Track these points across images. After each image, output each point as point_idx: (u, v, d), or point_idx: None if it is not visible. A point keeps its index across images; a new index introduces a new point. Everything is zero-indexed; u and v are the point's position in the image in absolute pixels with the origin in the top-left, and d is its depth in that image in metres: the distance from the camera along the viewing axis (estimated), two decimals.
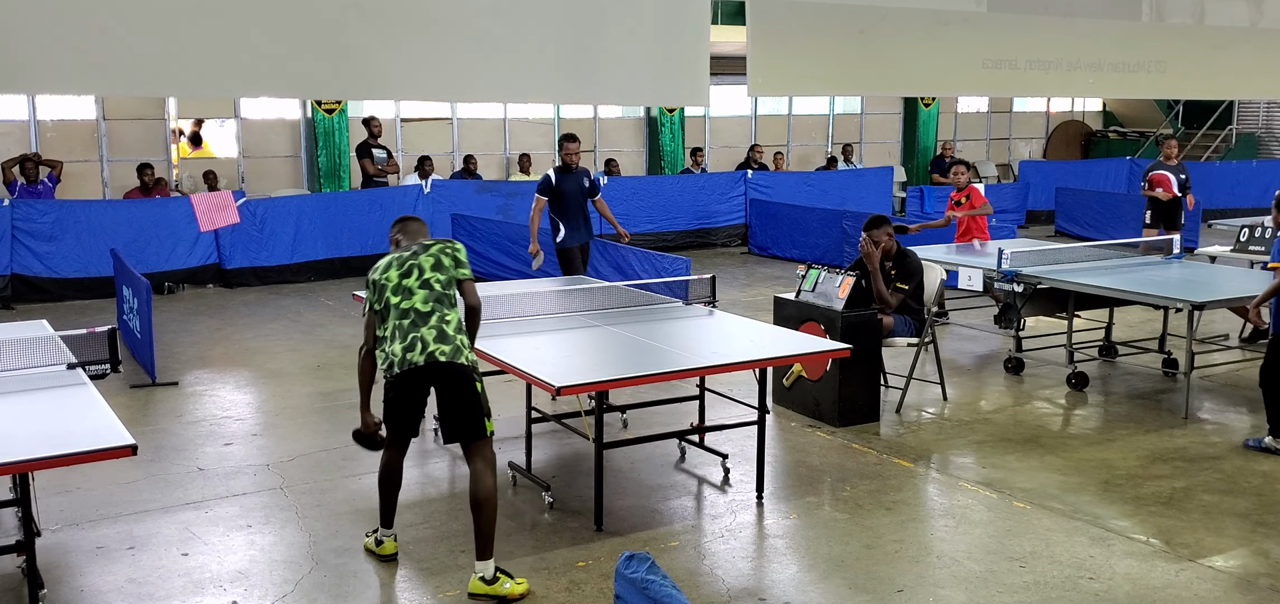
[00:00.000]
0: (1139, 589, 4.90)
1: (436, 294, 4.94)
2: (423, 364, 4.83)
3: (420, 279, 4.95)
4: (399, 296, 4.93)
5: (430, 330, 4.87)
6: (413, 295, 4.92)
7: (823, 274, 7.55)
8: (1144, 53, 6.58)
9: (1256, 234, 9.61)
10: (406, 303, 4.91)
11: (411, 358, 4.83)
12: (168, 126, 15.43)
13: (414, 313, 4.89)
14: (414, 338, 4.86)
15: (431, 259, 5.00)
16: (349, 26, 4.40)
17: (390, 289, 4.96)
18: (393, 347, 4.89)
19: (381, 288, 4.99)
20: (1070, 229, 17.36)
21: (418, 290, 4.92)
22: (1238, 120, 22.50)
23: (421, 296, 4.92)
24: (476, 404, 4.92)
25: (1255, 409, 7.89)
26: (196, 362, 9.33)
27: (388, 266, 5.03)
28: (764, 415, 6.04)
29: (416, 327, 4.87)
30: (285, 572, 5.11)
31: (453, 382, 4.90)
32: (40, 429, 4.47)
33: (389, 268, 5.02)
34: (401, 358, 4.85)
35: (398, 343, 4.88)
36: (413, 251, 5.04)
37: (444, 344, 4.87)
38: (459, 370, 4.89)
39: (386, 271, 5.01)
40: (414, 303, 4.90)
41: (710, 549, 5.39)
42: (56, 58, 3.92)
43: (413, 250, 5.05)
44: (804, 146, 20.51)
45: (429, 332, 4.86)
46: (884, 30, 5.69)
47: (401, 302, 4.92)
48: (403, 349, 4.86)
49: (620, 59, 5.04)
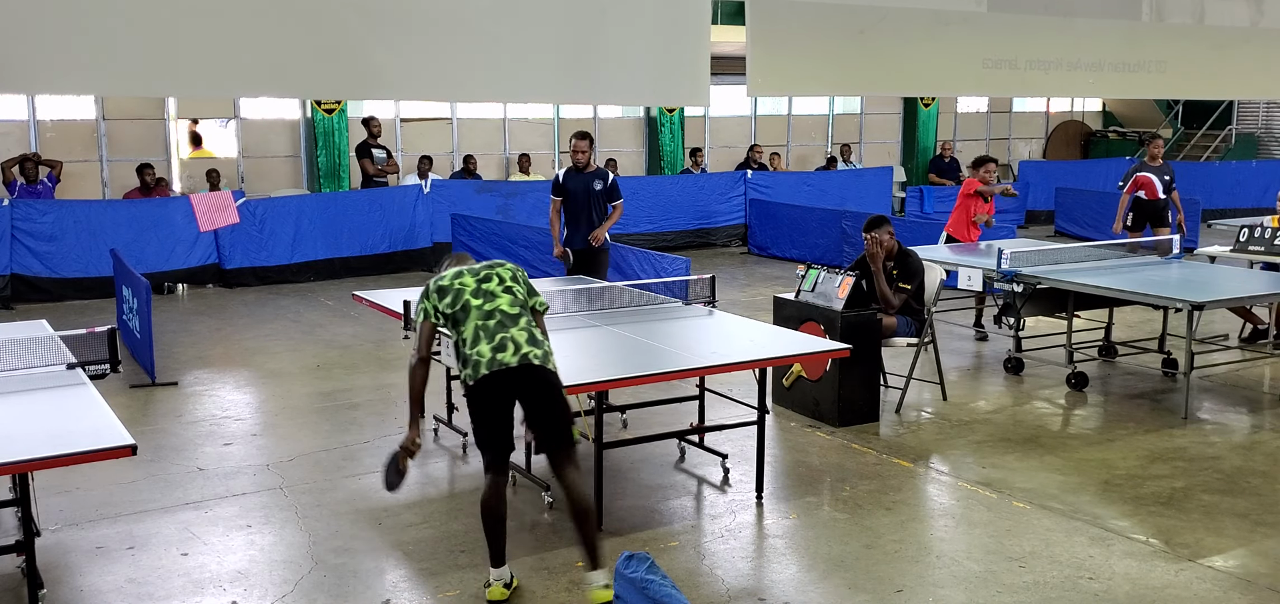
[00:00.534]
0: (1139, 589, 4.90)
1: (520, 301, 4.80)
2: (515, 365, 4.62)
3: (502, 285, 4.80)
4: (481, 299, 4.74)
5: (521, 331, 4.69)
6: (496, 298, 4.75)
7: (822, 274, 7.55)
8: (1144, 53, 6.58)
9: (1256, 234, 9.61)
10: (490, 305, 4.73)
11: (503, 358, 4.61)
12: (168, 127, 15.42)
13: (501, 313, 4.71)
14: (504, 338, 4.65)
15: (509, 272, 4.87)
16: (349, 26, 4.40)
17: (469, 292, 4.76)
18: (480, 348, 4.66)
19: (456, 293, 4.76)
20: (1070, 229, 17.36)
21: (501, 294, 4.77)
22: (1238, 120, 22.51)
23: (506, 300, 4.76)
24: (567, 410, 4.78)
25: (1255, 409, 7.90)
26: (196, 362, 9.33)
27: (458, 274, 4.84)
28: (764, 415, 6.04)
29: (504, 327, 4.68)
30: (285, 572, 5.11)
31: (546, 387, 4.69)
32: (40, 429, 4.47)
33: (461, 275, 4.83)
34: (490, 358, 4.62)
35: (485, 343, 4.65)
36: (483, 265, 4.90)
37: (536, 348, 4.69)
38: (551, 375, 4.71)
39: (459, 278, 4.81)
40: (500, 305, 4.74)
41: (710, 549, 5.39)
42: (56, 58, 3.92)
43: (481, 265, 4.90)
44: (803, 147, 20.51)
45: (520, 333, 4.68)
46: (884, 30, 5.69)
47: (484, 303, 4.73)
48: (492, 349, 4.63)
49: (620, 59, 5.05)
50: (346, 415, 7.65)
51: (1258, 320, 9.50)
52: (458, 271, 4.87)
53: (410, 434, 4.78)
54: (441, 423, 7.21)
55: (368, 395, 8.15)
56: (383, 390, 8.27)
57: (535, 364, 4.65)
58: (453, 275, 4.85)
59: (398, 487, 4.82)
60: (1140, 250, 9.89)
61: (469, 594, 4.87)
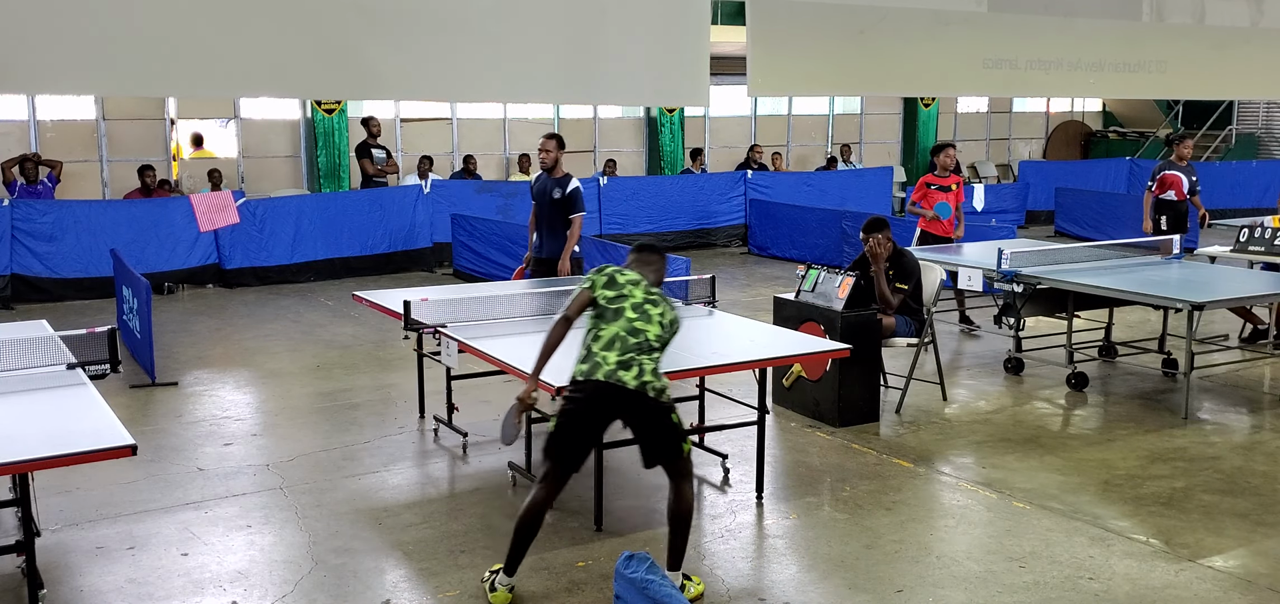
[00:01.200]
0: (1139, 589, 4.90)
1: (664, 339, 4.85)
2: (633, 388, 4.68)
3: (660, 319, 4.84)
4: (636, 315, 4.81)
5: (649, 361, 4.76)
6: (650, 322, 4.81)
7: (822, 274, 7.55)
8: (1144, 53, 6.58)
9: (1256, 234, 9.61)
10: (641, 323, 4.79)
11: (624, 377, 4.69)
12: (167, 127, 15.43)
13: (645, 338, 4.77)
14: (634, 360, 4.72)
15: (671, 316, 4.91)
16: (349, 26, 4.40)
17: (630, 303, 4.83)
18: (607, 353, 4.73)
19: (623, 294, 4.84)
20: (1070, 229, 17.36)
21: (655, 324, 4.82)
22: (1238, 120, 22.51)
23: (655, 332, 4.81)
24: (674, 432, 4.84)
25: (1255, 409, 7.90)
26: (196, 362, 9.33)
27: (635, 282, 4.90)
28: (764, 416, 6.04)
29: (640, 351, 4.75)
30: (285, 572, 5.11)
31: (654, 416, 4.78)
32: (40, 429, 4.47)
33: (636, 284, 4.89)
34: (613, 370, 4.69)
35: (614, 353, 4.72)
36: (659, 294, 4.93)
37: (657, 381, 4.77)
38: (663, 408, 4.78)
39: (633, 284, 4.88)
40: (647, 331, 4.79)
41: (710, 549, 5.39)
42: (56, 58, 3.92)
43: (659, 294, 4.93)
44: (804, 147, 20.51)
45: (648, 361, 4.75)
46: (884, 30, 5.69)
47: (637, 320, 4.80)
48: (617, 363, 4.70)
49: (620, 59, 5.04)
50: (346, 415, 7.65)
51: (1258, 320, 9.50)
52: (635, 279, 4.92)
53: (528, 387, 4.86)
54: (441, 423, 7.21)
55: (368, 395, 8.15)
56: (383, 390, 8.27)
57: (650, 396, 4.73)
58: (630, 280, 4.90)
59: (513, 440, 4.97)
60: (1140, 250, 9.88)
61: (469, 594, 4.87)
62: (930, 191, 10.62)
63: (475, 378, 7.60)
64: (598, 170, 17.26)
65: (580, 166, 18.08)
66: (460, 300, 6.96)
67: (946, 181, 10.67)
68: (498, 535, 5.50)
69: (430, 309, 6.63)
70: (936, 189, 10.63)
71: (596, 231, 15.04)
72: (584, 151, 18.42)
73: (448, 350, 6.24)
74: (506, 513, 5.81)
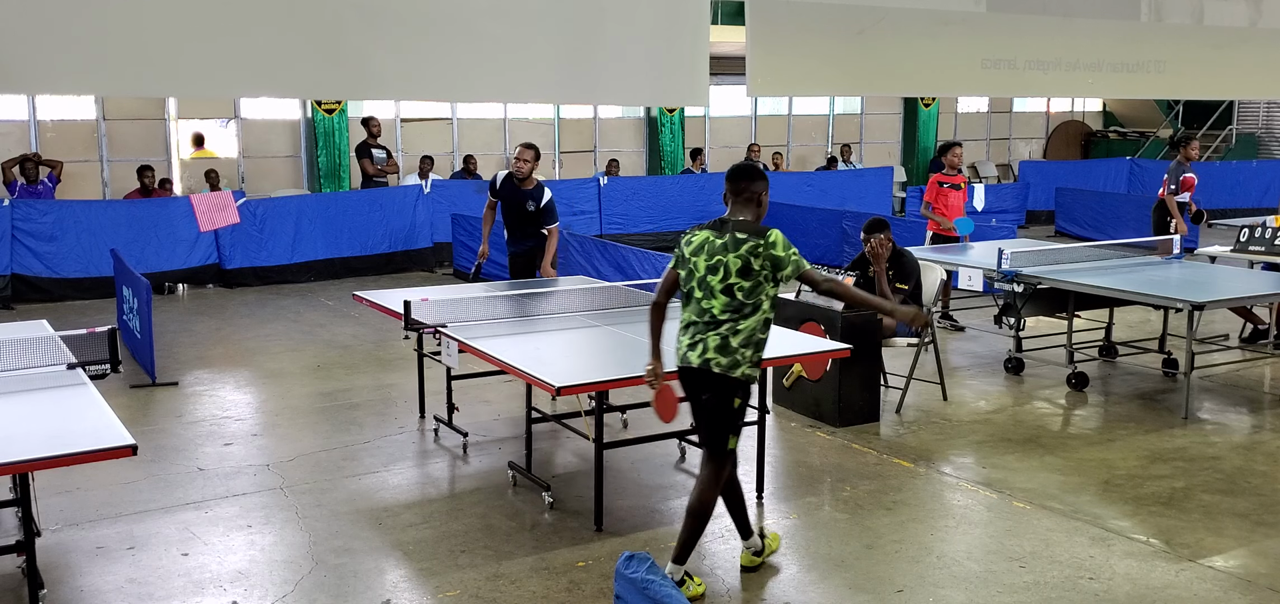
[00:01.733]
0: (1139, 589, 4.90)
1: (736, 302, 4.68)
2: (697, 367, 4.73)
3: (724, 282, 4.67)
4: (702, 292, 4.75)
5: (715, 337, 4.70)
6: (714, 297, 4.70)
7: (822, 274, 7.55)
8: (1143, 53, 6.58)
9: (1257, 234, 9.62)
10: (707, 302, 4.73)
11: (691, 357, 4.74)
12: (168, 127, 15.43)
13: (710, 316, 4.72)
14: (700, 340, 4.73)
15: (740, 261, 4.64)
16: (349, 26, 4.40)
17: (696, 279, 4.77)
18: (682, 337, 4.84)
19: (691, 273, 4.80)
20: (1070, 229, 17.37)
21: (719, 295, 4.69)
22: (1238, 120, 22.51)
23: (721, 304, 4.69)
24: (727, 421, 4.79)
25: (1256, 409, 7.90)
26: (196, 362, 9.33)
27: (699, 249, 4.76)
28: (764, 415, 6.04)
29: (708, 329, 4.72)
30: (285, 572, 5.11)
31: (716, 393, 4.76)
32: (40, 429, 4.47)
33: (699, 252, 4.76)
34: (685, 352, 4.79)
35: (686, 336, 4.80)
36: (723, 243, 4.69)
37: (723, 356, 4.69)
38: (727, 385, 4.72)
39: (696, 255, 4.77)
40: (713, 307, 4.71)
41: (710, 549, 5.39)
42: (56, 58, 3.92)
43: (724, 242, 4.69)
44: (804, 147, 20.51)
45: (714, 338, 4.70)
46: (883, 30, 5.69)
47: (703, 298, 4.75)
48: (687, 345, 4.78)
49: (620, 59, 5.05)
50: (346, 415, 7.65)
51: (1258, 320, 9.50)
52: (701, 244, 4.76)
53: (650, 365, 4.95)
54: (441, 423, 7.21)
55: (368, 395, 8.15)
56: (383, 390, 8.27)
57: (715, 372, 4.70)
58: (697, 244, 4.78)
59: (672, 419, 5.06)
60: (1140, 250, 9.89)
61: (469, 594, 4.87)
62: (944, 191, 10.64)
63: (475, 378, 7.60)
64: (598, 170, 17.26)
65: (580, 167, 18.10)
66: (460, 300, 6.97)
67: (957, 180, 10.70)
68: (498, 535, 5.51)
69: (430, 309, 6.63)
70: (949, 187, 10.66)
71: (597, 231, 15.06)
72: (584, 151, 18.43)
73: (448, 350, 6.24)
74: (507, 513, 5.81)
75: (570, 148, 18.35)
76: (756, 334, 4.73)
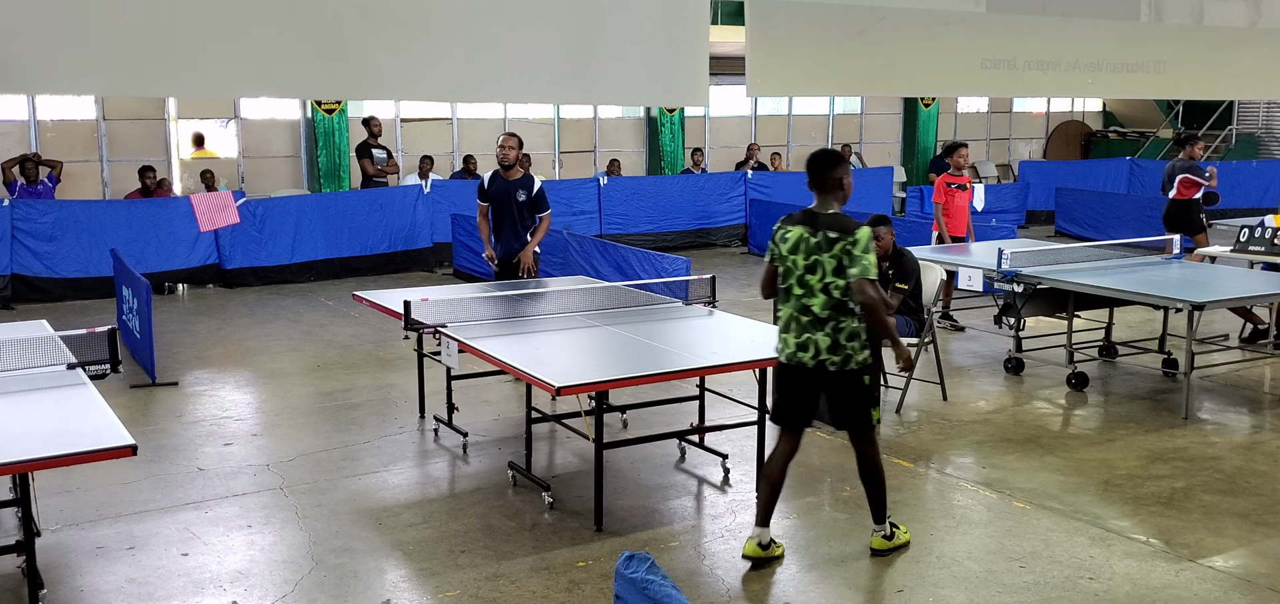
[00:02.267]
0: (1139, 589, 4.90)
1: (834, 301, 4.89)
2: (811, 367, 4.96)
3: (821, 282, 4.89)
4: (802, 291, 4.95)
5: (825, 337, 4.92)
6: (814, 296, 4.91)
7: None
8: (1143, 53, 6.58)
9: (1256, 234, 9.62)
10: (807, 300, 4.94)
11: (803, 359, 4.97)
12: (168, 127, 15.43)
13: (813, 315, 4.93)
14: (809, 340, 4.95)
15: (834, 261, 4.85)
16: (349, 26, 4.40)
17: (794, 276, 4.97)
18: (787, 336, 5.04)
19: (789, 267, 4.99)
20: (1070, 229, 17.36)
21: (818, 293, 4.90)
22: (1238, 120, 22.51)
23: (820, 302, 4.90)
24: (863, 400, 5.05)
25: (1256, 409, 7.90)
26: (196, 362, 9.33)
27: (795, 247, 4.95)
28: (764, 415, 6.04)
29: (812, 330, 4.94)
30: (285, 572, 5.11)
31: (840, 385, 5.00)
32: (40, 429, 4.47)
33: (796, 250, 4.94)
34: (793, 352, 5.01)
35: (792, 336, 5.01)
36: (817, 243, 4.88)
37: (835, 355, 4.93)
38: (846, 377, 4.97)
39: (793, 253, 4.95)
40: (813, 306, 4.92)
41: (710, 549, 5.39)
42: (56, 58, 3.92)
43: (818, 240, 4.88)
44: (804, 147, 20.51)
45: (824, 338, 4.93)
46: (883, 30, 5.69)
47: (803, 296, 4.95)
48: (796, 345, 4.99)
49: (620, 59, 5.04)
50: (346, 415, 7.65)
51: (1258, 320, 9.50)
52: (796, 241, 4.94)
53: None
54: (441, 423, 7.21)
55: (368, 395, 8.15)
56: (383, 390, 8.28)
57: (830, 371, 4.96)
58: (793, 241, 4.95)
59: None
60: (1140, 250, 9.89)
61: (469, 594, 4.87)
62: (951, 191, 10.64)
63: (475, 378, 7.61)
64: (599, 170, 17.26)
65: (580, 167, 18.09)
66: (460, 300, 6.97)
67: (963, 180, 10.71)
68: (498, 535, 5.51)
69: (430, 309, 6.63)
70: (956, 187, 10.67)
71: (597, 232, 15.05)
72: (584, 151, 18.42)
73: (448, 350, 6.24)
74: (506, 513, 5.81)
75: (570, 148, 18.34)
76: (860, 328, 4.96)
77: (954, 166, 10.85)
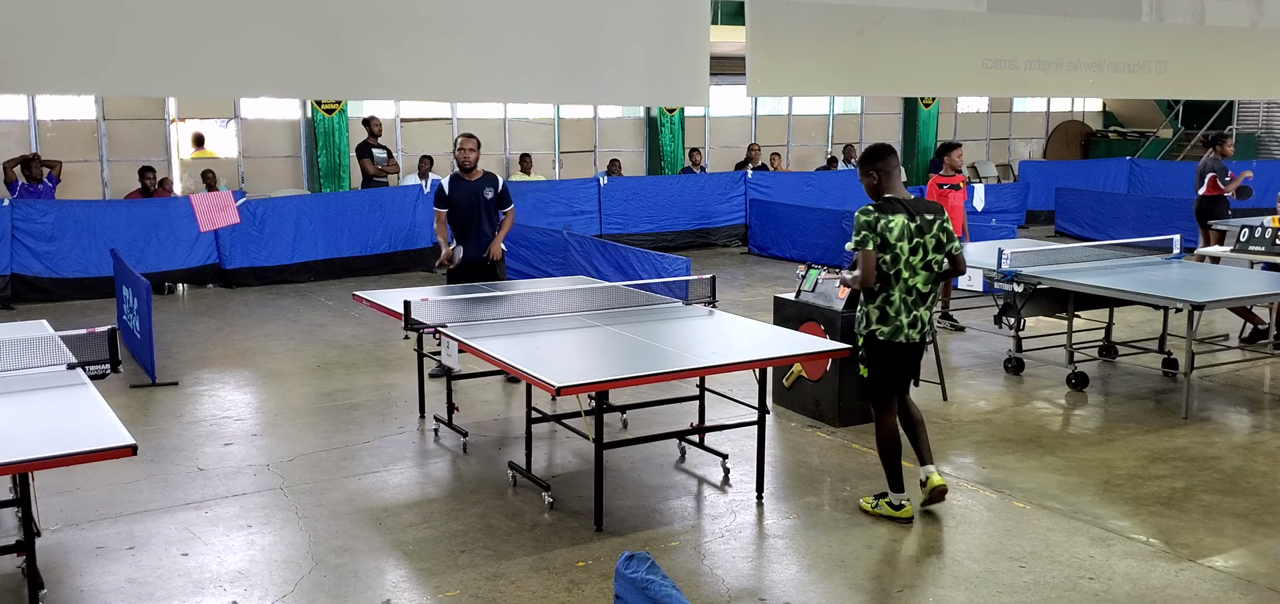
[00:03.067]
0: (1139, 589, 4.90)
1: (934, 275, 5.51)
2: (918, 341, 5.56)
3: (924, 260, 5.45)
4: (909, 273, 5.44)
5: (927, 312, 5.54)
6: (917, 274, 5.45)
7: (822, 274, 7.56)
8: (1144, 53, 6.57)
9: (1257, 234, 9.61)
10: (913, 280, 5.46)
11: (913, 335, 5.52)
12: (168, 127, 15.43)
13: (917, 294, 5.48)
14: (917, 317, 5.51)
15: (934, 239, 5.46)
16: (349, 26, 4.40)
17: (902, 262, 5.42)
18: (899, 319, 5.48)
19: (896, 254, 5.40)
20: (1070, 229, 17.37)
21: (921, 272, 5.46)
22: (1238, 120, 22.51)
23: (923, 279, 5.47)
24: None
25: (1256, 409, 7.90)
26: (196, 362, 9.33)
27: (901, 235, 5.41)
28: (764, 415, 6.04)
29: (917, 306, 5.50)
30: (285, 572, 5.11)
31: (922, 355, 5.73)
32: (40, 429, 4.47)
33: (902, 237, 5.41)
34: (905, 331, 5.50)
35: (904, 316, 5.48)
36: (918, 225, 5.43)
37: (930, 330, 5.61)
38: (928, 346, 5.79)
39: (899, 238, 5.41)
40: (917, 284, 5.47)
41: (710, 549, 5.39)
42: (56, 58, 3.92)
43: (918, 224, 5.43)
44: (804, 147, 20.51)
45: (926, 313, 5.54)
46: (883, 30, 5.68)
47: (909, 278, 5.45)
48: (908, 324, 5.50)
49: (620, 59, 5.04)
50: (346, 415, 7.65)
51: (1258, 320, 9.50)
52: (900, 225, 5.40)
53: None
54: (441, 423, 7.21)
55: (368, 395, 8.15)
56: (383, 390, 8.28)
57: (927, 341, 5.65)
58: (898, 228, 5.40)
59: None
60: (1140, 250, 9.89)
61: (469, 594, 4.87)
62: (943, 192, 10.64)
63: (475, 378, 7.61)
64: (599, 170, 17.26)
65: (580, 167, 18.10)
66: (460, 300, 6.96)
67: (956, 180, 10.70)
68: (498, 535, 5.51)
69: (430, 309, 6.63)
70: (948, 188, 10.66)
71: (597, 231, 15.05)
72: (584, 151, 18.43)
73: (448, 350, 6.24)
74: (506, 513, 5.82)
75: (570, 148, 18.34)
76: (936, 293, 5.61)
77: (947, 167, 10.83)
